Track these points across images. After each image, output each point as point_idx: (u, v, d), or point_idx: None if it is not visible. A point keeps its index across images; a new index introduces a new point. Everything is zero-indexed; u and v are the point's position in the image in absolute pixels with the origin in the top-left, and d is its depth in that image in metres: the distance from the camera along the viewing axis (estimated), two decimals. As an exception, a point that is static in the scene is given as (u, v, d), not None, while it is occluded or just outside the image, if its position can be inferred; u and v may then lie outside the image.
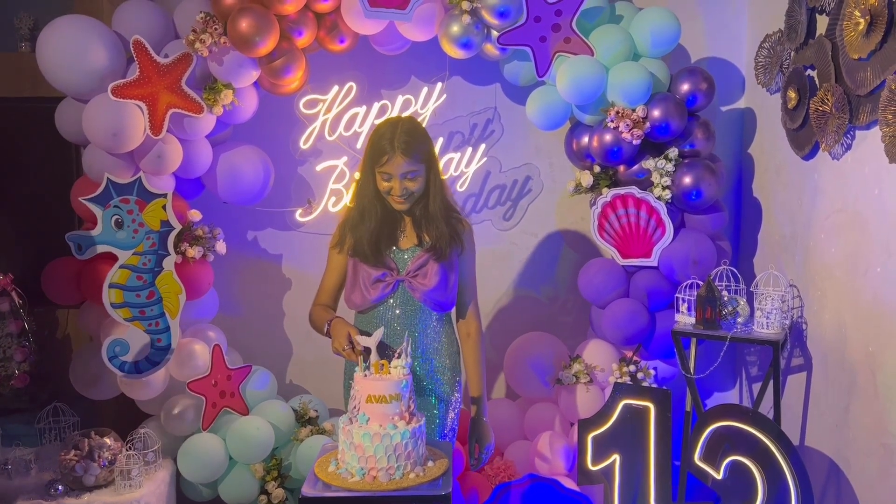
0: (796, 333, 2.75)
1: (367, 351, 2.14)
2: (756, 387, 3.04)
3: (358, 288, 2.39)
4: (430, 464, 2.04)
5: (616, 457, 2.57)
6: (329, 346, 2.29)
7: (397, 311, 2.38)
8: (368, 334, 2.19)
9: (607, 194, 2.99)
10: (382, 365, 2.04)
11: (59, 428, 2.89)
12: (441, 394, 2.42)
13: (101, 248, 2.73)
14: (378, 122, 2.54)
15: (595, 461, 2.60)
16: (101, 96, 2.70)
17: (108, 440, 2.75)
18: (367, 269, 2.37)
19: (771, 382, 2.65)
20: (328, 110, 3.18)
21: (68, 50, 2.67)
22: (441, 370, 2.42)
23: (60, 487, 2.64)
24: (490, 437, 2.49)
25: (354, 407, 2.02)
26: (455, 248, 2.40)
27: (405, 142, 2.26)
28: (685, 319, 2.75)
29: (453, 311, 2.50)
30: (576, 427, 2.75)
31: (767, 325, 2.61)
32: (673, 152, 2.92)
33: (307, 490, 1.96)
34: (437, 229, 2.37)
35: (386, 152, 2.27)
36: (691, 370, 2.75)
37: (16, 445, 2.81)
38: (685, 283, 2.79)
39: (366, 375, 2.03)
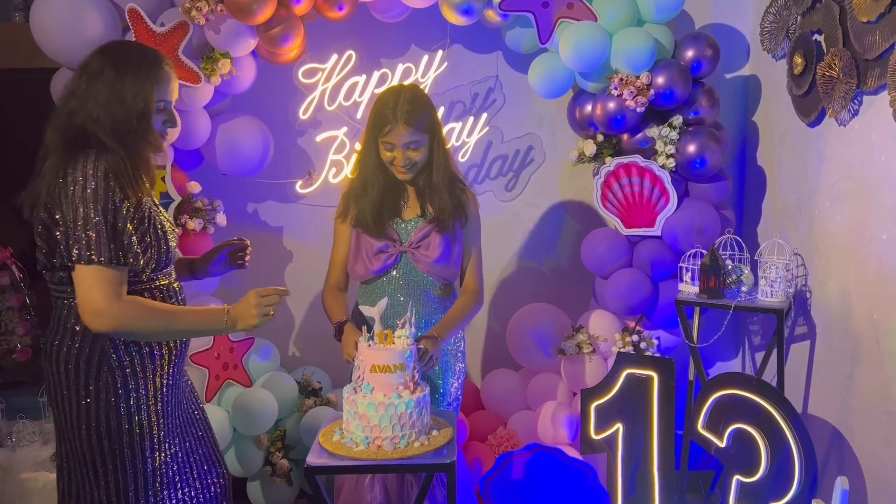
0: (800, 302, 2.75)
1: (370, 320, 2.13)
2: (759, 356, 3.04)
3: (361, 259, 2.37)
4: (434, 433, 2.04)
5: (619, 426, 2.57)
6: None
7: (401, 282, 2.37)
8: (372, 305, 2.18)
9: (610, 163, 2.96)
10: (386, 335, 2.03)
11: (63, 401, 2.90)
12: (444, 363, 2.41)
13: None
14: (380, 90, 2.51)
15: (598, 430, 2.61)
16: (97, 66, 2.66)
17: (111, 412, 2.75)
18: (369, 240, 2.35)
19: (774, 351, 2.65)
20: (327, 79, 3.13)
21: (63, 19, 2.62)
22: (444, 340, 2.41)
23: (65, 459, 2.65)
24: (437, 348, 2.19)
25: (359, 377, 2.02)
26: (458, 218, 2.38)
27: (408, 111, 2.23)
28: (689, 289, 2.74)
29: (457, 281, 2.48)
30: (579, 397, 2.76)
31: (771, 293, 2.60)
32: (677, 120, 2.89)
33: (312, 460, 1.96)
34: (440, 200, 2.34)
35: (389, 122, 2.23)
36: (695, 339, 2.75)
37: (19, 418, 2.82)
38: (689, 253, 2.78)
39: (370, 345, 2.02)
